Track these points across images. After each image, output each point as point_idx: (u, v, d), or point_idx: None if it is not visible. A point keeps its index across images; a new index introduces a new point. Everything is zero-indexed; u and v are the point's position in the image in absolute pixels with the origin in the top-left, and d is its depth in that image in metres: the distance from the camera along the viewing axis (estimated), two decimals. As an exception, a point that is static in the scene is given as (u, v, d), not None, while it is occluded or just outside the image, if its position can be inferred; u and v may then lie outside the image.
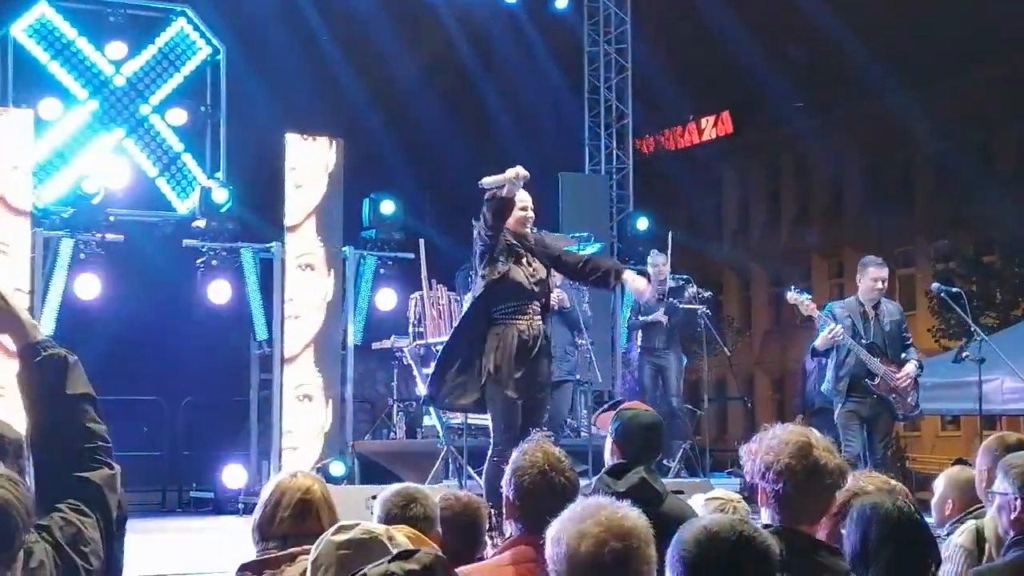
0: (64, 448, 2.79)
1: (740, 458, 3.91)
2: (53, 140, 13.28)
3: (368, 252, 13.06)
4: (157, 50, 13.89)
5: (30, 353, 2.82)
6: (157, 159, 13.87)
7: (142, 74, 13.81)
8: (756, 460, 3.73)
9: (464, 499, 4.82)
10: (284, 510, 3.85)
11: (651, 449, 5.28)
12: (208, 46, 14.07)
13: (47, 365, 2.80)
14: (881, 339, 9.33)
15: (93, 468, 2.79)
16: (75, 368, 2.82)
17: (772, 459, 3.67)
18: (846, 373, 9.23)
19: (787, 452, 3.66)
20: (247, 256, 12.70)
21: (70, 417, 2.79)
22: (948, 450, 25.14)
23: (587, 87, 16.18)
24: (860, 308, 9.38)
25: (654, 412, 5.68)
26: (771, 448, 3.70)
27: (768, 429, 3.82)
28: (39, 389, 2.80)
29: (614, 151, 16.20)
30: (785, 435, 3.73)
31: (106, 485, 2.81)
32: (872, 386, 9.20)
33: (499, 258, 7.71)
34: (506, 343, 7.66)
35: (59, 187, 13.13)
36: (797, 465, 3.64)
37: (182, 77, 14.00)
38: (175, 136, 13.94)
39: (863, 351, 9.16)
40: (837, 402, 9.34)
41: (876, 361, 9.19)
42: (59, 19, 13.45)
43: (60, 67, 13.45)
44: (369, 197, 13.26)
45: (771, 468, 3.66)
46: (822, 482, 3.67)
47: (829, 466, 3.68)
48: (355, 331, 12.80)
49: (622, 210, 15.87)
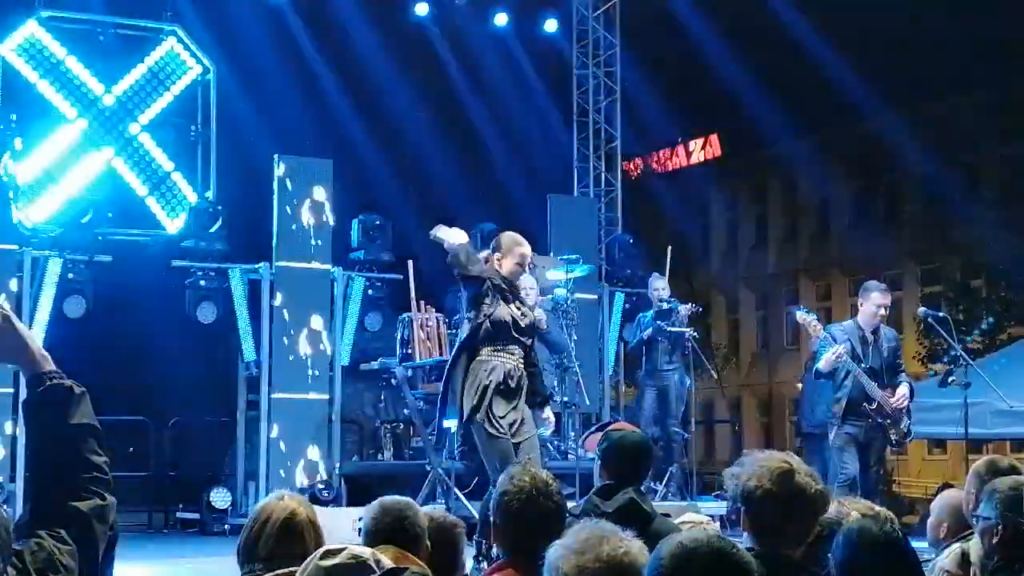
0: (60, 476, 2.80)
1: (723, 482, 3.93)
2: (42, 159, 13.26)
3: (357, 273, 13.07)
4: (147, 69, 13.89)
5: (37, 382, 2.83)
6: (147, 178, 13.86)
7: (132, 93, 13.81)
8: (739, 485, 3.76)
9: (439, 519, 4.75)
10: (269, 532, 3.86)
11: (639, 470, 5.30)
12: (198, 65, 14.08)
13: (53, 395, 2.82)
14: (879, 364, 9.33)
15: (85, 498, 2.79)
16: (81, 399, 2.84)
17: (755, 485, 3.70)
18: (843, 396, 9.22)
19: (769, 478, 3.69)
20: (235, 276, 12.69)
21: (70, 447, 2.80)
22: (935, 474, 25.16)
23: (576, 110, 16.22)
24: (859, 332, 9.36)
25: (642, 433, 5.70)
26: (753, 474, 3.73)
27: (751, 454, 3.86)
28: (43, 418, 2.82)
29: (603, 173, 16.22)
30: (767, 461, 3.76)
31: (95, 516, 2.80)
32: (870, 410, 9.20)
33: (485, 300, 7.72)
34: (485, 380, 7.63)
35: (48, 206, 13.11)
36: (779, 491, 3.67)
37: (172, 96, 14.00)
38: (165, 155, 13.93)
39: (863, 375, 9.16)
40: (833, 424, 9.34)
41: (874, 386, 9.19)
42: (48, 38, 13.45)
43: (49, 86, 13.44)
44: (358, 218, 13.27)
45: (753, 493, 3.69)
46: (804, 508, 3.70)
47: (811, 492, 3.71)
48: (343, 352, 12.80)
49: (610, 232, 15.89)
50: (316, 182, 12.80)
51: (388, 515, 4.32)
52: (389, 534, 4.17)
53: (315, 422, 12.42)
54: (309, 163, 12.89)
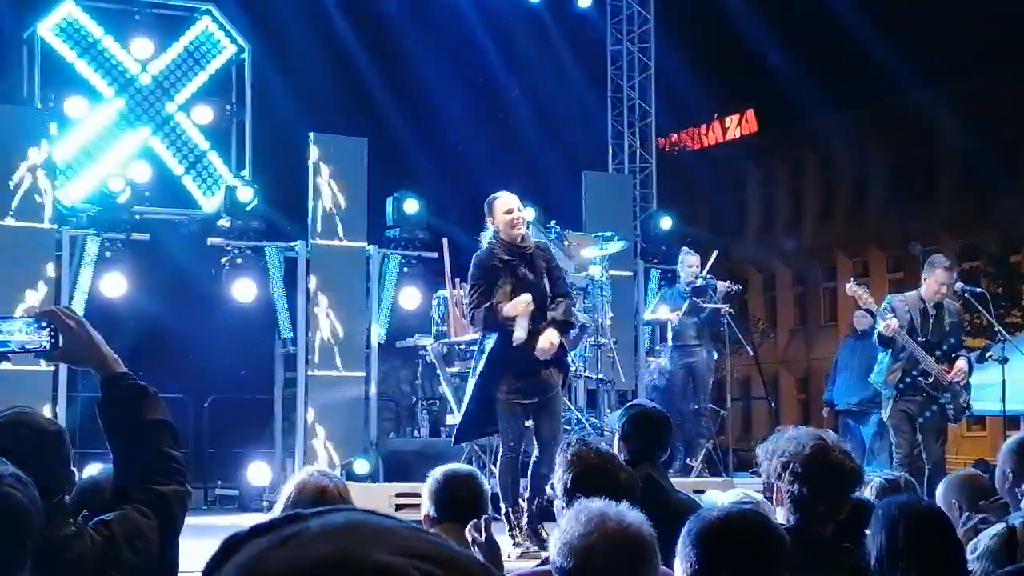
0: (142, 467, 2.95)
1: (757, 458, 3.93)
2: (79, 138, 13.35)
3: (392, 251, 13.08)
4: (182, 48, 13.95)
5: (112, 384, 2.95)
6: (183, 157, 13.92)
7: (168, 72, 13.87)
8: (772, 461, 3.77)
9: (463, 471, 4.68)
10: (302, 508, 3.87)
11: (657, 446, 5.26)
12: (233, 44, 14.12)
13: (128, 395, 2.95)
14: (939, 338, 9.23)
15: (165, 483, 2.95)
16: (154, 398, 2.98)
17: (788, 460, 3.72)
18: (898, 369, 9.15)
19: (802, 453, 3.70)
20: (271, 255, 12.74)
21: (148, 443, 2.94)
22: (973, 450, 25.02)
23: (610, 86, 16.16)
24: (921, 304, 9.27)
25: (661, 409, 5.67)
26: (787, 449, 3.74)
27: (784, 430, 3.87)
28: (120, 417, 2.94)
29: (637, 150, 16.17)
30: (801, 436, 3.77)
31: (175, 499, 2.96)
32: (925, 385, 9.12)
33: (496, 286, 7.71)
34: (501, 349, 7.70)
35: (85, 186, 13.21)
36: (813, 466, 3.68)
37: (207, 75, 14.05)
38: (200, 134, 13.99)
39: (919, 349, 9.08)
40: (887, 397, 9.28)
41: (931, 359, 9.10)
42: (85, 18, 13.52)
43: (86, 65, 13.52)
44: (393, 196, 13.28)
45: (787, 469, 3.71)
46: (838, 484, 3.72)
47: (845, 468, 3.72)
48: (379, 330, 12.84)
49: (645, 209, 15.85)
50: (351, 160, 12.82)
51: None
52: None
53: (352, 399, 12.47)
54: (344, 141, 12.88)
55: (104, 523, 2.86)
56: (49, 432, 3.06)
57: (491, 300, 7.70)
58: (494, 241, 7.88)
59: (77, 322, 2.95)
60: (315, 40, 14.62)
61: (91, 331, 2.97)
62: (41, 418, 3.20)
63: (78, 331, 2.94)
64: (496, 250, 7.81)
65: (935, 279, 9.26)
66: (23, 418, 3.13)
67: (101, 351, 2.97)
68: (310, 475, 4.07)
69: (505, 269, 7.77)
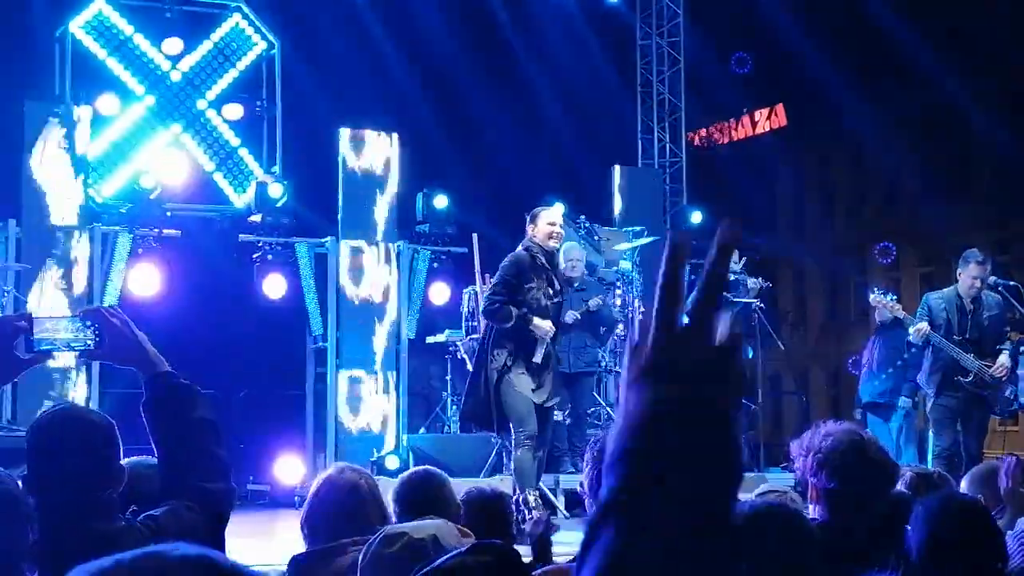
0: (188, 465, 2.95)
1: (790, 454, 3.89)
2: (111, 136, 13.41)
3: (421, 246, 13.10)
4: (213, 45, 13.98)
5: (158, 383, 2.96)
6: (214, 154, 13.96)
7: (198, 69, 13.90)
8: (808, 457, 3.73)
9: (488, 491, 4.81)
10: (332, 504, 3.93)
11: None
12: (263, 41, 14.15)
13: (173, 395, 2.96)
14: (978, 333, 9.17)
15: (210, 480, 2.96)
16: (198, 397, 2.99)
17: (824, 456, 3.68)
18: (939, 368, 9.11)
19: (840, 450, 3.67)
20: (302, 251, 12.77)
21: (194, 441, 2.95)
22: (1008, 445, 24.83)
23: (640, 80, 16.13)
24: (958, 301, 9.21)
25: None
26: (823, 445, 3.71)
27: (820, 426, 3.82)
28: (165, 416, 2.95)
29: (667, 144, 16.14)
30: (838, 433, 3.74)
31: (221, 496, 2.98)
32: (964, 382, 9.07)
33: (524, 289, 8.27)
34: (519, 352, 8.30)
35: (117, 182, 13.26)
36: (850, 462, 3.64)
37: (237, 72, 14.08)
38: (231, 131, 14.03)
39: (954, 348, 9.02)
40: (930, 396, 9.27)
41: (969, 357, 9.03)
42: (116, 16, 13.57)
43: (117, 63, 13.57)
44: (422, 191, 13.30)
45: (823, 465, 3.67)
46: (874, 480, 3.69)
47: (881, 464, 3.70)
48: (409, 325, 12.85)
49: (675, 203, 15.81)
50: (381, 156, 12.83)
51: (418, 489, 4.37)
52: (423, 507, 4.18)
53: (383, 389, 12.49)
54: (374, 137, 12.91)
55: (152, 518, 2.88)
56: (99, 426, 3.06)
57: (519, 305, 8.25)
58: (532, 247, 8.40)
59: (121, 321, 2.95)
60: (344, 35, 14.63)
61: (135, 330, 2.97)
62: (90, 412, 3.22)
63: (122, 330, 2.94)
64: (536, 254, 8.37)
65: (968, 274, 9.20)
66: (73, 412, 3.15)
67: (145, 350, 2.97)
68: (340, 470, 4.08)
69: (540, 273, 8.33)
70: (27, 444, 3.00)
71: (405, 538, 2.97)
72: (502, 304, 8.25)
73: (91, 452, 2.94)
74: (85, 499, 2.87)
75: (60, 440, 2.94)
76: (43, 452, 2.95)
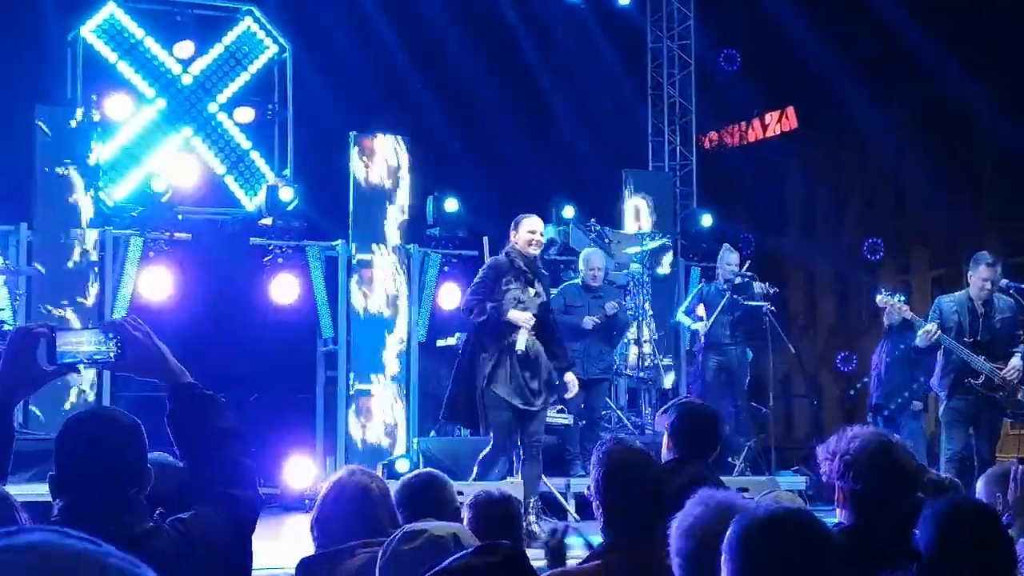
0: (215, 473, 2.97)
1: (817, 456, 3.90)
2: (122, 139, 13.43)
3: (432, 250, 13.09)
4: (224, 48, 14.00)
5: (181, 395, 2.97)
6: (225, 157, 13.98)
7: (209, 72, 13.92)
8: (835, 460, 3.72)
9: (496, 493, 4.78)
10: (342, 506, 3.94)
11: (708, 444, 5.16)
12: (275, 44, 14.16)
13: (198, 405, 2.97)
14: (990, 336, 9.15)
15: (237, 487, 2.98)
16: (222, 406, 3.01)
17: (852, 459, 3.68)
18: (950, 371, 9.10)
19: (868, 453, 3.67)
20: (313, 254, 12.78)
21: (220, 451, 2.97)
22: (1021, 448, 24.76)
23: (650, 83, 16.11)
24: (969, 304, 9.20)
25: (711, 406, 5.61)
26: (851, 448, 3.71)
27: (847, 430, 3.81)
28: (189, 428, 2.97)
29: (678, 147, 16.12)
30: (865, 436, 3.74)
31: (247, 504, 3.00)
32: (975, 385, 9.05)
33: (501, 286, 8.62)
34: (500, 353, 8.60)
35: (128, 186, 13.29)
36: (878, 465, 3.64)
37: (249, 75, 14.10)
38: (242, 134, 14.05)
39: (964, 349, 9.00)
40: (941, 400, 9.26)
41: (980, 359, 9.01)
42: (127, 19, 13.60)
43: (128, 66, 13.59)
44: (433, 195, 13.30)
45: (850, 468, 3.67)
46: (902, 483, 3.69)
47: (909, 468, 3.70)
48: (420, 328, 12.85)
49: (686, 207, 15.79)
50: (392, 159, 12.84)
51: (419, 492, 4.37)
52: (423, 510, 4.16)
53: (393, 398, 12.49)
54: (385, 140, 12.91)
55: (180, 521, 2.91)
56: (125, 426, 3.06)
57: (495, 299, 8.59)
58: (512, 252, 8.80)
59: (143, 333, 2.95)
60: (356, 39, 14.62)
61: (157, 341, 2.97)
62: (116, 412, 3.22)
63: (144, 341, 2.94)
64: (515, 259, 8.74)
65: (979, 276, 9.20)
66: (102, 413, 3.22)
67: (168, 361, 2.97)
68: (351, 473, 4.07)
69: (517, 274, 8.67)
70: (56, 444, 3.01)
71: (425, 535, 2.97)
72: (478, 301, 8.64)
73: (117, 451, 2.94)
74: (113, 498, 2.89)
75: (87, 440, 2.95)
76: (71, 452, 2.95)
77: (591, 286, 11.35)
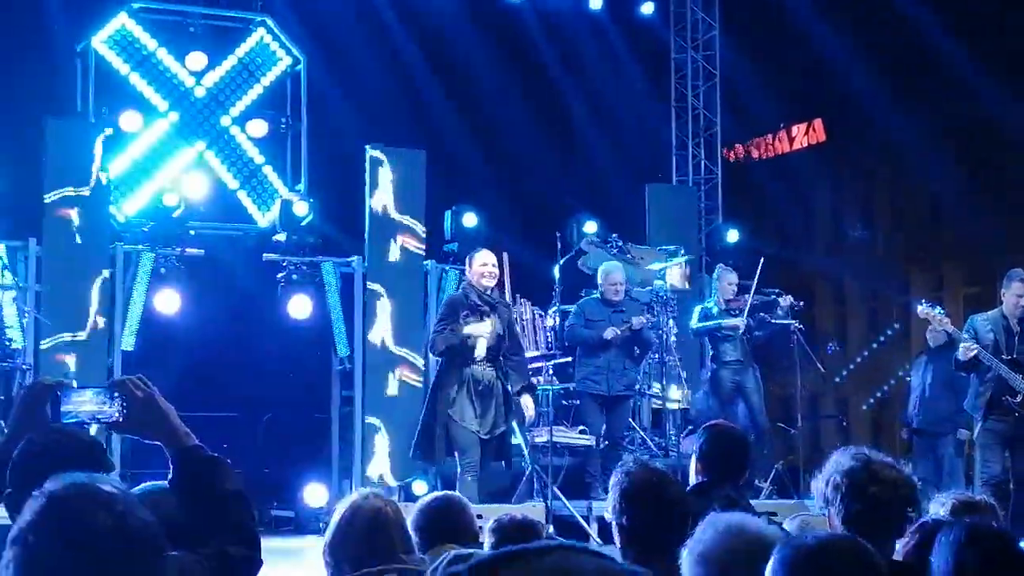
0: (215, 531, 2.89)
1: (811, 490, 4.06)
2: (134, 153, 13.23)
3: (450, 265, 12.84)
4: (237, 60, 13.77)
5: (185, 459, 2.91)
6: (238, 171, 13.75)
7: (222, 85, 13.69)
8: (823, 487, 3.82)
9: (520, 518, 4.78)
10: (356, 531, 3.86)
11: (737, 467, 5.06)
12: (288, 56, 13.93)
13: (201, 469, 2.91)
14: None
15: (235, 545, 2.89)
16: (226, 468, 2.94)
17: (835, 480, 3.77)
18: (986, 390, 8.93)
19: (844, 469, 3.76)
20: (328, 270, 12.56)
21: (224, 513, 2.90)
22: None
23: (674, 95, 15.85)
24: (1004, 322, 9.03)
25: (740, 429, 5.51)
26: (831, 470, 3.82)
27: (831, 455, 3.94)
28: (194, 492, 2.90)
29: (702, 161, 15.84)
30: (842, 453, 3.88)
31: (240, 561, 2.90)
32: (1013, 403, 8.83)
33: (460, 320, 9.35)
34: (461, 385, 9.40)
35: (140, 200, 13.10)
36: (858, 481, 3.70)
37: (262, 88, 13.86)
38: (255, 148, 13.81)
39: (1003, 367, 8.79)
40: (977, 420, 9.06)
41: (1019, 378, 8.81)
42: (139, 30, 13.38)
43: (140, 78, 13.38)
44: (451, 210, 13.05)
45: (828, 484, 3.77)
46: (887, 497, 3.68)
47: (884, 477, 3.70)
48: (436, 346, 12.57)
49: (711, 222, 15.50)
50: (409, 173, 12.60)
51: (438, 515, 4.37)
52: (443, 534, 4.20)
53: (410, 417, 12.20)
54: (401, 154, 12.67)
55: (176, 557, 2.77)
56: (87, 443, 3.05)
57: None
58: (467, 287, 9.56)
59: (146, 394, 2.89)
60: (371, 50, 14.39)
61: (160, 402, 2.91)
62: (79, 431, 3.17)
63: (146, 402, 2.89)
64: (469, 293, 9.47)
65: (1013, 293, 9.06)
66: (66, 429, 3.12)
67: (171, 423, 2.91)
68: (364, 497, 4.01)
69: (472, 309, 9.37)
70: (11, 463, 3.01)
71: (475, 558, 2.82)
72: (442, 330, 9.43)
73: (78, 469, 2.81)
74: None
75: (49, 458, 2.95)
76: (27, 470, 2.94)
77: (612, 300, 11.07)
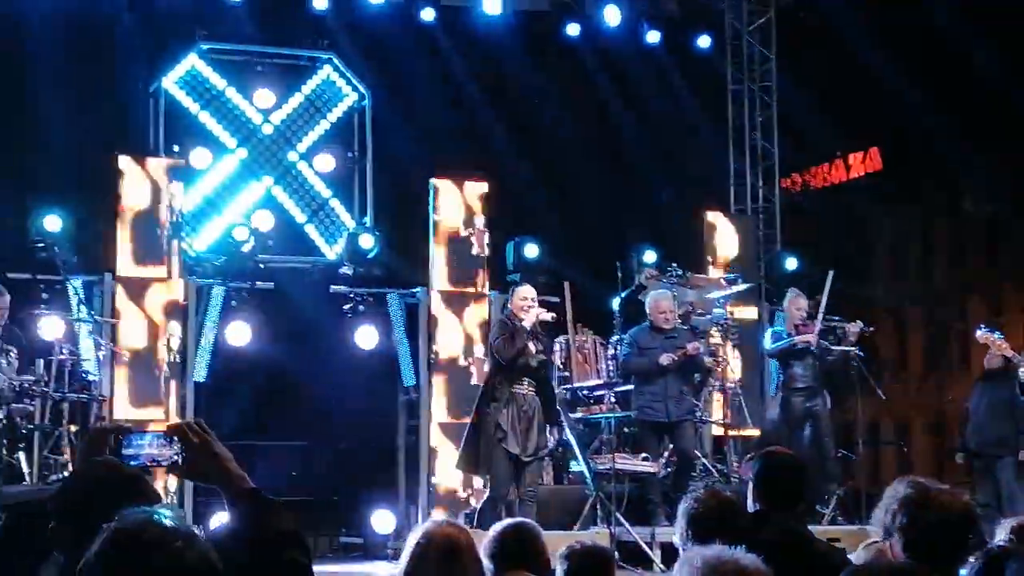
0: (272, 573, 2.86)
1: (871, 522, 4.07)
2: (204, 189, 13.53)
3: (513, 296, 12.96)
4: (304, 97, 14.08)
5: (240, 503, 2.88)
6: (305, 206, 14.02)
7: (289, 122, 14.00)
8: (884, 517, 3.83)
9: (591, 545, 4.77)
10: (430, 560, 3.86)
11: (793, 495, 4.94)
12: (354, 92, 14.21)
13: (257, 512, 2.87)
14: None
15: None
16: (281, 511, 2.90)
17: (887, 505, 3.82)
18: None
19: (901, 497, 3.77)
20: (393, 301, 12.75)
21: (279, 554, 2.86)
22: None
23: (731, 125, 15.96)
24: None
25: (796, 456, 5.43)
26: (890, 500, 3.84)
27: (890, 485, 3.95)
28: (251, 535, 2.87)
29: (760, 189, 15.92)
30: (899, 483, 3.89)
31: None
32: None
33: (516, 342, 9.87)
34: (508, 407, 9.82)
35: (210, 235, 13.37)
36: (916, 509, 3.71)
37: (329, 123, 14.15)
38: (322, 182, 14.08)
39: None
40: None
41: None
42: (208, 70, 13.73)
43: (210, 117, 13.71)
44: (513, 240, 13.22)
45: (895, 519, 3.77)
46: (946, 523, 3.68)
47: (941, 503, 3.71)
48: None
49: (769, 250, 15.57)
50: (471, 205, 12.80)
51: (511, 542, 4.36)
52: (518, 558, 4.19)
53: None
54: (464, 186, 12.88)
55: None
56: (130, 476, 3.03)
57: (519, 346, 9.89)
58: (511, 316, 10.11)
59: (202, 439, 2.89)
60: (434, 85, 14.64)
61: (216, 447, 2.90)
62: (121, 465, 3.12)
63: (202, 448, 2.88)
64: (513, 320, 10.05)
65: None
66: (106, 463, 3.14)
67: (227, 468, 2.89)
68: (437, 524, 4.03)
69: (521, 333, 9.93)
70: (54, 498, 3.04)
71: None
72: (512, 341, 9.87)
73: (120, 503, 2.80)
74: None
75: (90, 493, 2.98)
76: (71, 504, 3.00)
77: (662, 328, 11.18)
